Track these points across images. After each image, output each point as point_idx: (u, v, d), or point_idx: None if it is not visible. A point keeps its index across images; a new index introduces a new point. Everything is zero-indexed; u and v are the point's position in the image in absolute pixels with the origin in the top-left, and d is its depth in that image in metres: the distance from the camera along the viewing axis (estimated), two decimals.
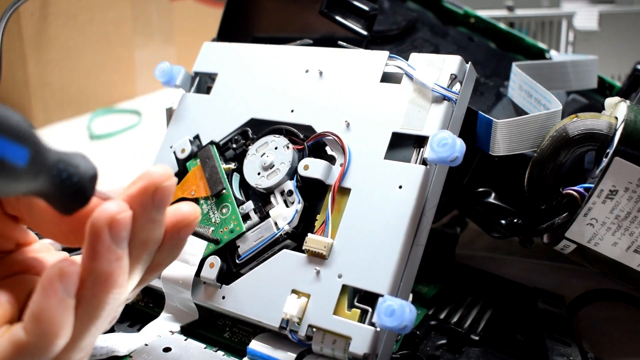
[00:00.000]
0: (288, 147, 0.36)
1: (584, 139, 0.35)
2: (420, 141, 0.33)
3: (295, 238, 0.34)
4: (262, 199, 0.36)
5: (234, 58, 0.41)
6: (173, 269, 0.35)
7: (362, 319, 0.31)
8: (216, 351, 0.34)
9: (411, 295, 0.33)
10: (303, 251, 0.33)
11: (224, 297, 0.34)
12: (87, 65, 0.74)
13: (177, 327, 0.36)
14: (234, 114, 0.39)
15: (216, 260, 0.35)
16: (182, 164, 0.40)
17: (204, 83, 0.43)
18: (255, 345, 0.33)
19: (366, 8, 0.42)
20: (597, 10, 0.61)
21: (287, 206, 0.35)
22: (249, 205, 0.36)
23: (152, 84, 0.82)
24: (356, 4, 0.42)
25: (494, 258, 0.49)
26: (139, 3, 0.77)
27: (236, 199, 0.36)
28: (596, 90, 0.50)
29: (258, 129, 0.38)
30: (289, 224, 0.34)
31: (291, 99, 0.38)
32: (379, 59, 0.36)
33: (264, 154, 0.37)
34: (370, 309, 0.31)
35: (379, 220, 0.32)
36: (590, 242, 0.34)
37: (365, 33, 0.42)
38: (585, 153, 0.35)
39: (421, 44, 0.48)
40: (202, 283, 0.35)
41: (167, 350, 0.34)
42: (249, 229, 0.35)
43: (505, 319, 0.40)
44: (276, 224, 0.35)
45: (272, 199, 0.36)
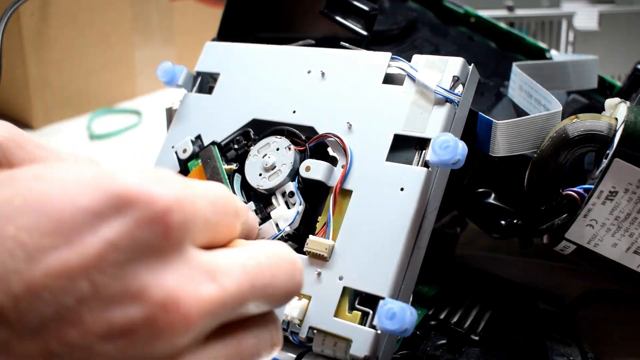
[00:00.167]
0: (290, 149, 0.36)
1: (584, 140, 0.35)
2: (422, 143, 0.33)
3: (297, 240, 0.34)
4: (264, 200, 0.37)
5: (236, 58, 0.41)
6: None
7: (363, 322, 0.31)
8: None
9: (411, 295, 0.33)
10: (304, 253, 0.33)
11: None
12: (87, 65, 0.74)
13: None
14: (235, 114, 0.39)
15: None
16: (184, 164, 0.40)
17: (206, 83, 0.43)
18: None
19: (366, 8, 0.42)
20: (597, 10, 0.61)
21: (289, 207, 0.35)
22: (250, 206, 0.36)
23: (152, 84, 0.81)
24: (356, 4, 0.42)
25: (494, 258, 0.49)
26: (139, 3, 0.77)
27: None
28: (596, 90, 0.50)
29: (260, 129, 0.38)
30: (290, 225, 0.34)
31: (293, 99, 0.38)
32: (381, 60, 0.36)
33: (265, 155, 0.37)
34: (371, 312, 0.31)
35: (380, 223, 0.32)
36: (590, 243, 0.34)
37: (365, 33, 0.41)
38: (585, 154, 0.35)
39: (421, 44, 0.48)
40: None
41: None
42: None
43: (505, 319, 0.40)
44: (277, 225, 0.35)
45: (274, 200, 0.36)
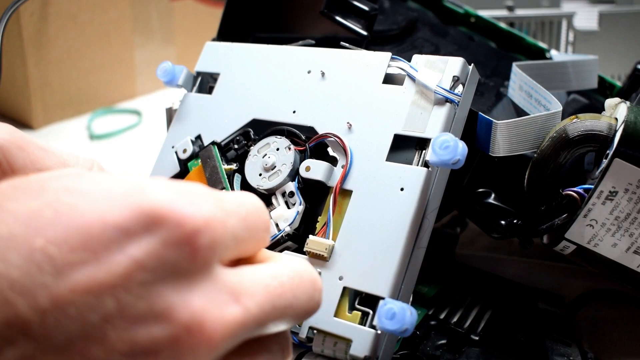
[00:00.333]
0: (290, 149, 0.36)
1: (583, 140, 0.35)
2: (422, 143, 0.34)
3: (297, 239, 0.34)
4: (264, 200, 0.36)
5: (236, 58, 0.41)
6: None
7: (363, 322, 0.31)
8: None
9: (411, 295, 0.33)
10: (304, 253, 0.33)
11: None
12: (87, 65, 0.74)
13: None
14: (235, 114, 0.39)
15: None
16: (184, 164, 0.40)
17: (206, 83, 0.43)
18: None
19: (366, 8, 0.42)
20: (597, 10, 0.61)
21: (289, 207, 0.35)
22: None
23: (152, 84, 0.81)
24: (356, 4, 0.42)
25: (494, 258, 0.49)
26: (139, 3, 0.77)
27: None
28: (596, 90, 0.50)
29: (260, 129, 0.38)
30: (290, 225, 0.34)
31: (293, 99, 0.38)
32: (381, 60, 0.36)
33: (265, 154, 0.37)
34: (371, 312, 0.31)
35: (380, 223, 0.32)
36: (590, 243, 0.34)
37: (365, 33, 0.41)
38: (585, 154, 0.35)
39: (421, 44, 0.48)
40: None
41: None
42: None
43: (505, 319, 0.40)
44: (277, 225, 0.35)
45: (274, 200, 0.36)
